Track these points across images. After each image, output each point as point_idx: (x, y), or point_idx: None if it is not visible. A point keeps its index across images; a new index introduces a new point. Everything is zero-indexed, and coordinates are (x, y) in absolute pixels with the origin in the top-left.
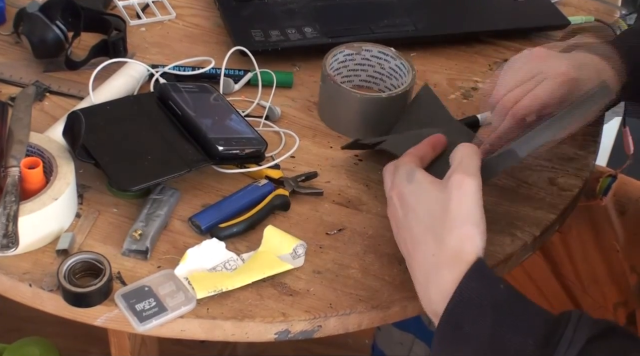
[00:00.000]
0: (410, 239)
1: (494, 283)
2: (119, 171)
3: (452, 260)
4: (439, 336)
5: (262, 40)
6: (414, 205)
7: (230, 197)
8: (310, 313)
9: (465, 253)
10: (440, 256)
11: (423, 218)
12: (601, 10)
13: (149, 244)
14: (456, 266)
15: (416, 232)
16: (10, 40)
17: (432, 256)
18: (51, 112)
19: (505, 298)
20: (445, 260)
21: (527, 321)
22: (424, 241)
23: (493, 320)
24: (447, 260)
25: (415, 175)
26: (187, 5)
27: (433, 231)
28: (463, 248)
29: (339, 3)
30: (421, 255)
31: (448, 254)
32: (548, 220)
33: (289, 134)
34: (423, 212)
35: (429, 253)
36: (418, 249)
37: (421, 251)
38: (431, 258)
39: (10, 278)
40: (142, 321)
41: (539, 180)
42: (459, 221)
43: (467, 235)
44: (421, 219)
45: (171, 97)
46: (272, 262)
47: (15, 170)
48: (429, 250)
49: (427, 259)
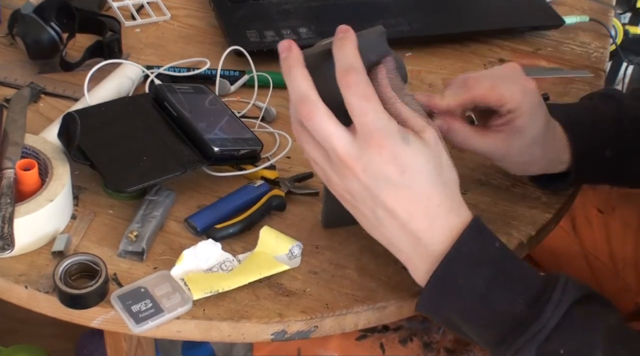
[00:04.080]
0: (410, 197)
1: (491, 241)
2: (115, 172)
3: (458, 206)
4: (431, 284)
5: (257, 41)
6: (411, 164)
7: (226, 198)
8: (307, 314)
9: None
10: (447, 204)
11: (424, 176)
12: (595, 10)
13: (145, 245)
14: (462, 211)
15: (418, 189)
16: (4, 41)
17: (437, 207)
18: (46, 113)
19: (501, 257)
20: (452, 206)
21: (519, 279)
22: (428, 195)
23: (487, 276)
24: (454, 206)
25: (409, 135)
26: (181, 6)
27: (436, 185)
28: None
29: (334, 3)
30: (424, 208)
31: (455, 201)
32: (544, 220)
33: (283, 135)
34: (422, 170)
35: (434, 205)
36: (421, 204)
37: (424, 205)
38: (436, 208)
39: (6, 280)
40: (139, 323)
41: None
42: (454, 173)
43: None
44: (422, 176)
45: (166, 98)
46: (268, 262)
47: (11, 172)
48: (434, 203)
49: (430, 209)
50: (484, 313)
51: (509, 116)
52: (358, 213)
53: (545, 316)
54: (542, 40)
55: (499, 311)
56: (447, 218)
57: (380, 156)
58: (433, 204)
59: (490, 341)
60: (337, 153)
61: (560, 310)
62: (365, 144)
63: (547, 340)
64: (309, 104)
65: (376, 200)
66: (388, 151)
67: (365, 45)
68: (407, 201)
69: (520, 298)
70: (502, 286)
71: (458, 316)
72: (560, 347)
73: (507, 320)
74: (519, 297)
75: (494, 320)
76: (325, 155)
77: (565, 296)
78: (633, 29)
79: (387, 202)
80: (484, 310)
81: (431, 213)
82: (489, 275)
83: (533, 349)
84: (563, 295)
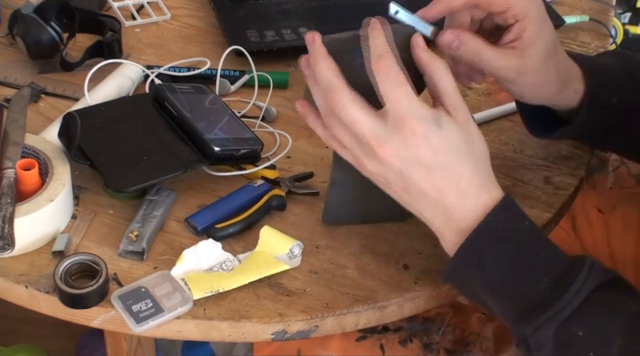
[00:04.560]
0: (442, 176)
1: (520, 218)
2: (115, 172)
3: (489, 182)
4: (458, 257)
5: (257, 41)
6: (443, 146)
7: (226, 198)
8: (307, 313)
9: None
10: (477, 181)
11: (455, 156)
12: (595, 9)
13: (145, 245)
14: (493, 187)
15: (451, 169)
16: (5, 41)
17: (468, 183)
18: (46, 113)
19: (528, 235)
20: (483, 183)
21: (544, 259)
22: (460, 174)
23: (513, 253)
24: (485, 182)
25: (441, 118)
26: (182, 5)
27: (468, 164)
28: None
29: (334, 3)
30: (455, 186)
31: (486, 178)
32: (544, 219)
33: (283, 135)
34: (454, 150)
35: (465, 182)
36: (453, 182)
37: (456, 184)
38: (467, 185)
39: (6, 280)
40: (139, 323)
41: (535, 179)
42: (485, 147)
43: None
44: (454, 157)
45: (167, 98)
46: (268, 262)
47: (11, 172)
48: (465, 180)
49: (462, 186)
50: (507, 289)
51: (518, 27)
52: (391, 191)
53: (567, 297)
54: None
55: (523, 288)
56: (477, 194)
57: (413, 140)
58: (464, 182)
59: (511, 317)
60: (367, 138)
61: (583, 292)
62: (397, 129)
63: (567, 320)
64: (335, 93)
65: (409, 181)
66: (421, 135)
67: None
68: (440, 180)
69: (544, 277)
70: (527, 264)
71: (483, 289)
72: (579, 329)
73: (530, 297)
74: (543, 276)
75: (516, 296)
76: (356, 139)
77: (590, 279)
78: (633, 29)
79: (420, 183)
80: (507, 286)
81: (462, 191)
82: (514, 252)
83: (552, 328)
84: (587, 278)
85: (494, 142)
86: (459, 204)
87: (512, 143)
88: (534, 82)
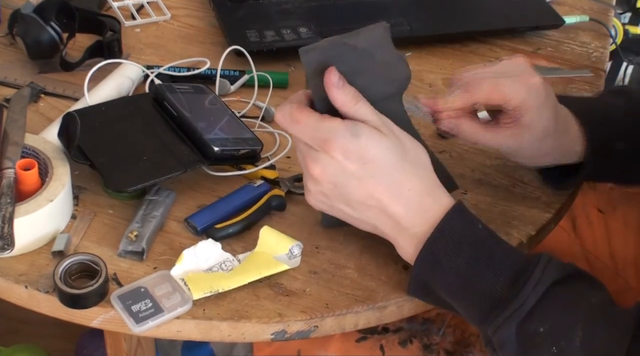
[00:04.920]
0: (377, 186)
1: (473, 222)
2: (115, 172)
3: (432, 187)
4: (418, 265)
5: (257, 41)
6: (368, 155)
7: (225, 198)
8: (307, 314)
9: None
10: (418, 187)
11: (384, 163)
12: (595, 9)
13: (145, 245)
14: (437, 192)
15: (383, 177)
16: (4, 41)
17: (408, 190)
18: (46, 113)
19: (483, 237)
20: (425, 188)
21: (500, 259)
22: (396, 181)
23: (469, 256)
24: (427, 188)
25: (358, 129)
26: (181, 5)
27: (401, 170)
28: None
29: (333, 3)
30: (394, 195)
31: (427, 183)
32: (544, 219)
33: (283, 135)
34: (381, 157)
35: (405, 189)
36: (391, 191)
37: (395, 192)
38: (407, 193)
39: (6, 280)
40: (139, 323)
41: (534, 179)
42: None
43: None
44: (383, 164)
45: (167, 98)
46: (268, 262)
47: (11, 172)
48: (404, 187)
49: (402, 194)
50: (467, 292)
51: (515, 113)
52: (337, 212)
53: (524, 294)
54: (542, 40)
55: (481, 290)
56: (421, 201)
57: (334, 159)
58: (404, 189)
59: (475, 319)
60: (305, 161)
61: (539, 289)
62: (322, 148)
63: (526, 318)
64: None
65: (346, 194)
66: (339, 151)
67: (370, 41)
68: (376, 190)
69: (501, 277)
70: (483, 266)
71: (446, 294)
72: (540, 326)
73: (489, 298)
74: (500, 277)
75: (476, 298)
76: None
77: (546, 275)
78: (633, 29)
79: (356, 194)
80: (467, 288)
81: (403, 198)
82: (470, 255)
83: (513, 327)
84: (543, 274)
85: None
86: (404, 212)
87: None
88: (531, 155)
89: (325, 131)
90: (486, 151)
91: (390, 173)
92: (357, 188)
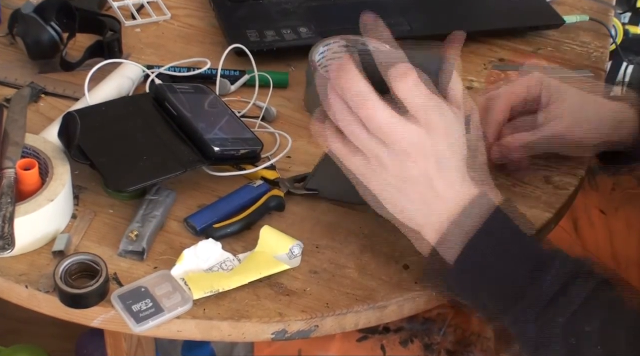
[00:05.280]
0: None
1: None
2: (115, 172)
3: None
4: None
5: (257, 41)
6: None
7: (225, 198)
8: (307, 313)
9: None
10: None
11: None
12: (595, 9)
13: (145, 245)
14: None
15: (443, 158)
16: (5, 41)
17: (454, 174)
18: (46, 113)
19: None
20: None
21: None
22: (449, 164)
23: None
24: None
25: (444, 109)
26: (181, 5)
27: (456, 156)
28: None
29: (333, 3)
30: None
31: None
32: (544, 219)
33: (283, 135)
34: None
35: (453, 173)
36: (442, 169)
37: (444, 171)
38: (454, 176)
39: (6, 280)
40: (139, 322)
41: (535, 178)
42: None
43: None
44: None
45: (167, 98)
46: (268, 262)
47: (11, 172)
48: (452, 171)
49: (450, 176)
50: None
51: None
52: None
53: (544, 285)
54: (542, 39)
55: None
56: (461, 185)
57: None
58: (452, 173)
59: (492, 311)
60: (377, 120)
61: (559, 281)
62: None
63: (546, 308)
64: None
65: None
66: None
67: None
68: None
69: (520, 268)
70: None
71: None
72: (559, 316)
73: (508, 288)
74: (519, 268)
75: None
76: (358, 120)
77: (566, 268)
78: (633, 29)
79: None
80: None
81: (449, 180)
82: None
83: (532, 317)
84: (563, 267)
85: None
86: (445, 190)
87: None
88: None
89: (423, 102)
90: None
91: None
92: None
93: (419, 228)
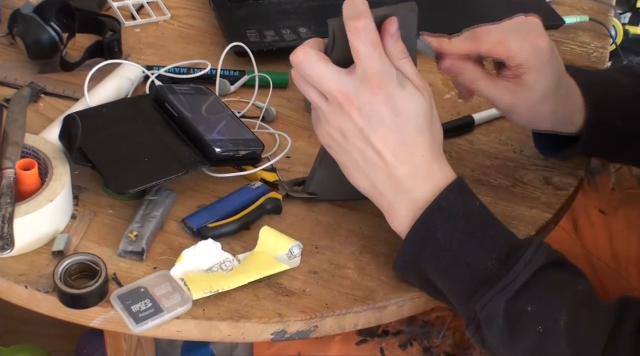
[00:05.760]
0: (399, 141)
1: (472, 199)
2: (117, 173)
3: (441, 160)
4: (412, 235)
5: (257, 41)
6: (405, 109)
7: (223, 199)
8: (307, 314)
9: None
10: (430, 155)
11: (413, 122)
12: (595, 9)
13: (145, 245)
14: (444, 166)
15: (407, 135)
16: (4, 41)
17: (421, 156)
18: (46, 113)
19: (479, 214)
20: (435, 158)
21: (494, 238)
22: (415, 143)
23: (463, 232)
24: (437, 159)
25: (405, 81)
26: (181, 5)
27: (423, 135)
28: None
29: (333, 3)
30: (409, 156)
31: (438, 156)
32: (544, 220)
33: (283, 136)
34: (413, 115)
35: (419, 153)
36: (407, 150)
37: (410, 152)
38: (420, 158)
39: (5, 280)
40: (138, 323)
41: (534, 179)
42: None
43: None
44: (412, 122)
45: (167, 99)
46: (268, 262)
47: (11, 172)
48: (419, 151)
49: (415, 157)
50: (457, 266)
51: (517, 70)
52: (346, 157)
53: (514, 272)
54: None
55: (472, 265)
56: (430, 168)
57: (376, 97)
58: (418, 152)
59: (461, 295)
60: (333, 93)
61: (530, 268)
62: (364, 85)
63: (515, 296)
64: (299, 50)
65: (367, 140)
66: (385, 93)
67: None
68: (395, 145)
69: (493, 254)
70: (477, 242)
71: (434, 271)
72: (528, 305)
73: (479, 274)
74: (492, 254)
75: (466, 273)
76: (322, 97)
77: (537, 257)
78: (633, 29)
79: (377, 143)
80: (457, 263)
81: (415, 161)
82: (465, 230)
83: (501, 304)
84: (534, 256)
85: (493, 142)
86: (411, 174)
87: (512, 143)
88: (527, 116)
89: (378, 68)
90: (486, 151)
91: (414, 134)
92: (380, 137)
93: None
